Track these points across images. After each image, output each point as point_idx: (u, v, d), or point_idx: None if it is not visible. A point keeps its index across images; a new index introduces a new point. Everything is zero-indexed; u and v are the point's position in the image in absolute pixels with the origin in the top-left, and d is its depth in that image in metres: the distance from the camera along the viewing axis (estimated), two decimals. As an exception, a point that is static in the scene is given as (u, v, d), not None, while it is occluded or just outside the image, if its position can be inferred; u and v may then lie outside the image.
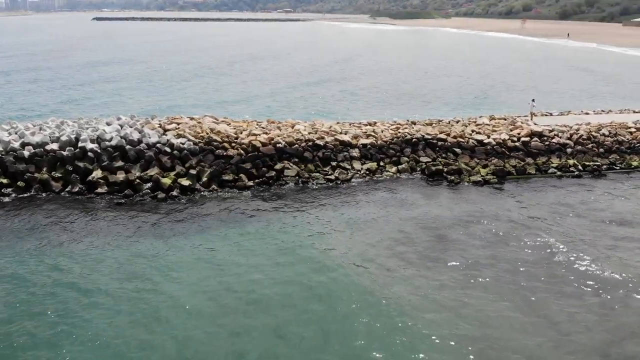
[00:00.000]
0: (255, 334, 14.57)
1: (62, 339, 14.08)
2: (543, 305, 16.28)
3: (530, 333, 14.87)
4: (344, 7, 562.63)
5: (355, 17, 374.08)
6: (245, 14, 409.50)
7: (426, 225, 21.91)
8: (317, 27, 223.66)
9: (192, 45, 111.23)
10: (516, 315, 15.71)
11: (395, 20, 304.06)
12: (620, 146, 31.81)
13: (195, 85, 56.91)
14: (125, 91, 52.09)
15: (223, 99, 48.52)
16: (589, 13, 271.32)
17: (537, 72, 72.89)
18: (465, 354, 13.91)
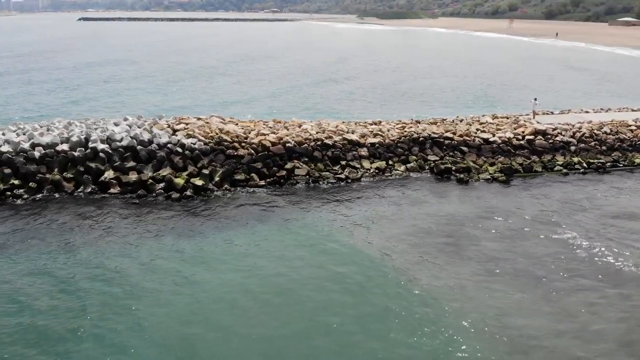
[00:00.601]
0: (295, 325, 14.97)
1: (105, 334, 14.35)
2: (562, 296, 16.73)
3: (552, 323, 15.31)
4: (330, 7, 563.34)
5: (343, 17, 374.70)
6: (233, 14, 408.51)
7: (441, 222, 22.23)
8: (306, 27, 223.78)
9: (185, 46, 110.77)
10: (538, 306, 16.16)
11: (382, 20, 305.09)
12: (622, 144, 32.37)
13: (194, 85, 56.78)
14: (125, 92, 51.89)
15: (224, 99, 48.51)
16: (574, 13, 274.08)
17: (530, 71, 73.71)
18: (494, 342, 14.32)
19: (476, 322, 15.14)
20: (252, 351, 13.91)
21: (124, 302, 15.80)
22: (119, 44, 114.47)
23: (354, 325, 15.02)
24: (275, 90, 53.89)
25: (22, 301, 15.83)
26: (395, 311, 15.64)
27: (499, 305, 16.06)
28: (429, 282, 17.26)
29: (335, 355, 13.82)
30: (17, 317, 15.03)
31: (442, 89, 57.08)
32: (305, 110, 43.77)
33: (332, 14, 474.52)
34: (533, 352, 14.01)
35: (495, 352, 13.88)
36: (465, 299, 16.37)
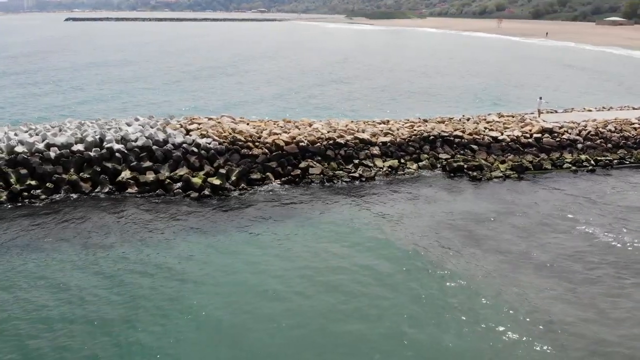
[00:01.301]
0: (334, 314, 15.43)
1: (159, 323, 14.73)
2: (585, 286, 17.28)
3: (579, 311, 15.88)
4: (318, 7, 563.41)
5: (332, 17, 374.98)
6: (221, 14, 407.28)
7: (460, 218, 22.60)
8: (296, 27, 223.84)
9: (179, 46, 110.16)
10: (565, 296, 16.66)
11: (371, 20, 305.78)
12: (626, 142, 32.94)
13: (193, 86, 56.74)
14: (128, 92, 51.76)
15: (227, 100, 48.58)
16: (561, 12, 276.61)
17: (526, 70, 74.42)
18: (528, 328, 14.88)
19: (510, 311, 15.66)
20: (297, 338, 14.40)
21: (172, 295, 16.24)
22: (112, 44, 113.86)
23: (393, 314, 15.50)
24: (276, 91, 54.06)
25: (74, 294, 16.14)
26: (431, 301, 16.17)
27: (528, 295, 16.60)
28: (458, 274, 17.71)
29: (378, 344, 14.18)
30: (73, 309, 15.38)
31: (441, 88, 57.55)
32: (309, 109, 44.00)
33: (320, 14, 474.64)
34: (562, 338, 14.54)
35: (530, 337, 14.42)
36: (495, 290, 16.86)
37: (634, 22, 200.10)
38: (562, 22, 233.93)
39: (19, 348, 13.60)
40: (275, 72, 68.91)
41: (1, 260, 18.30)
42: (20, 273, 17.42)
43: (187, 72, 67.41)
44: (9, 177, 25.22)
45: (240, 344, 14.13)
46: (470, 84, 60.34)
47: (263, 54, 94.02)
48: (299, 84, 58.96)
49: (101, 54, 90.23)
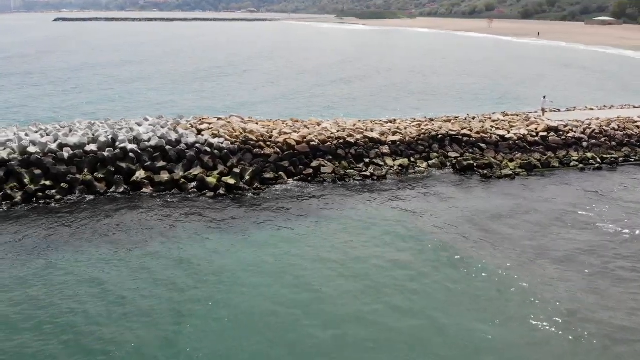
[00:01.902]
0: (370, 306, 15.79)
1: (204, 316, 14.79)
2: (607, 278, 17.81)
3: (603, 300, 16.49)
4: (307, 7, 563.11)
5: (322, 17, 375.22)
6: (211, 14, 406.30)
7: (478, 214, 22.97)
8: (289, 27, 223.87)
9: (175, 46, 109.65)
10: (588, 287, 17.18)
11: (362, 20, 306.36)
12: (630, 140, 33.45)
13: (196, 86, 56.73)
14: (134, 92, 51.78)
15: (232, 99, 48.68)
16: (550, 12, 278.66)
17: (523, 70, 75.09)
18: (556, 317, 15.41)
19: (535, 301, 16.29)
20: (333, 329, 14.74)
21: (207, 289, 16.54)
22: (108, 45, 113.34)
23: (424, 304, 16.05)
24: (278, 91, 54.26)
25: (110, 292, 16.34)
26: (459, 291, 16.72)
27: (550, 286, 17.14)
28: (482, 267, 18.26)
29: (413, 333, 14.65)
30: (112, 306, 15.62)
31: (439, 87, 57.99)
32: (313, 109, 44.18)
33: (310, 13, 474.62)
34: (586, 326, 15.07)
35: (555, 325, 14.95)
36: (518, 281, 17.40)
37: (623, 21, 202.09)
38: (552, 22, 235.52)
39: (68, 346, 13.75)
40: (275, 72, 69.04)
41: (32, 261, 18.32)
42: (54, 272, 17.46)
43: (187, 72, 67.35)
44: (22, 178, 25.18)
45: (280, 337, 14.37)
46: (468, 84, 60.83)
47: (260, 54, 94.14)
48: (299, 84, 59.12)
49: (99, 54, 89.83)
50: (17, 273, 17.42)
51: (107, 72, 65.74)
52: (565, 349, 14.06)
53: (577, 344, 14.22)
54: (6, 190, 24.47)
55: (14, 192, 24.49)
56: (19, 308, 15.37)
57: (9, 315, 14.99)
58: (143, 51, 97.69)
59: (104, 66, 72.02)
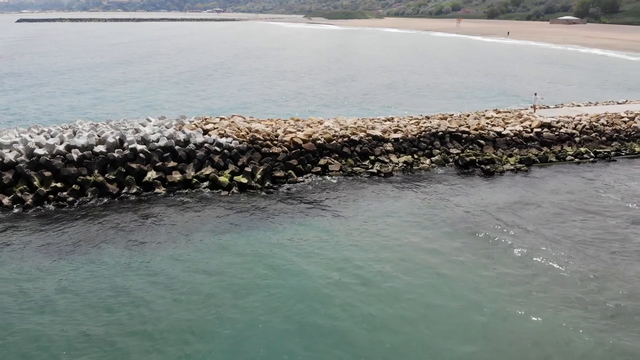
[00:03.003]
0: (414, 290, 16.18)
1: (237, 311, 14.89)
2: (624, 261, 18.70)
3: (617, 287, 17.25)
4: (275, 7, 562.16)
5: (290, 17, 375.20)
6: (176, 14, 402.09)
7: (490, 207, 23.77)
8: (260, 27, 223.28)
9: (152, 48, 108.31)
10: (606, 270, 18.10)
11: (331, 20, 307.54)
12: (618, 134, 34.74)
13: (186, 88, 56.36)
14: (130, 94, 51.32)
15: (226, 100, 48.60)
16: (515, 12, 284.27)
17: (502, 67, 76.70)
18: (580, 294, 16.16)
19: (567, 287, 17.10)
20: (364, 319, 15.11)
21: (243, 287, 16.71)
22: (81, 46, 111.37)
23: (460, 287, 16.75)
24: (268, 92, 54.28)
25: (138, 294, 16.27)
26: (490, 274, 17.77)
27: (569, 267, 18.13)
28: (509, 252, 19.33)
29: (454, 313, 15.25)
30: (146, 307, 15.64)
31: (426, 86, 58.90)
32: (306, 108, 44.47)
33: (277, 13, 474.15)
34: (616, 299, 15.73)
35: (580, 302, 15.61)
36: (544, 269, 18.23)
37: (586, 20, 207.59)
38: (517, 22, 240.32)
39: (100, 348, 13.82)
40: (262, 74, 68.69)
41: (54, 261, 18.29)
42: (78, 275, 17.49)
43: (173, 74, 66.57)
44: (32, 180, 24.91)
45: (324, 331, 14.69)
46: (452, 82, 61.95)
47: (243, 55, 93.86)
48: (287, 85, 59.24)
49: (73, 56, 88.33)
50: (52, 277, 17.39)
51: (88, 75, 64.85)
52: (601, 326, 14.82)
53: (611, 320, 15.04)
54: (16, 192, 24.19)
55: (24, 195, 24.23)
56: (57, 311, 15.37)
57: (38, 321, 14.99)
58: (125, 52, 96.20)
59: (83, 68, 70.95)
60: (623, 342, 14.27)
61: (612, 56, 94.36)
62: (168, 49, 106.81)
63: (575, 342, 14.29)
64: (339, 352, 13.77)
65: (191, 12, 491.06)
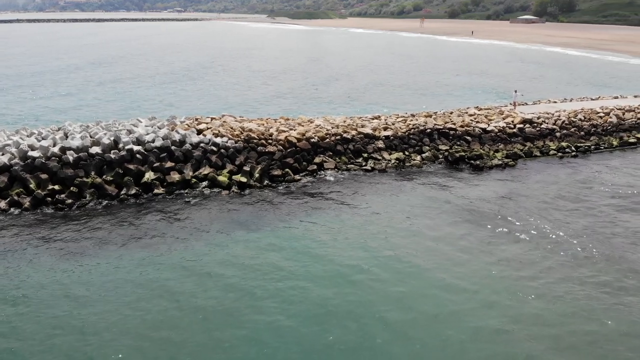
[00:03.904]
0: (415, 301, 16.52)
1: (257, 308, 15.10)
2: (621, 244, 19.62)
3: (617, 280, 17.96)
4: (236, 6, 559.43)
5: (253, 17, 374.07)
6: (136, 14, 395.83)
7: (485, 201, 24.54)
8: (227, 26, 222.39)
9: (120, 49, 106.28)
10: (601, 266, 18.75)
11: (295, 20, 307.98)
12: (596, 129, 36.17)
13: (166, 89, 55.86)
14: (114, 94, 50.59)
15: (208, 101, 48.41)
16: (475, 12, 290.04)
17: (474, 66, 78.46)
18: (580, 274, 16.80)
19: (567, 267, 17.67)
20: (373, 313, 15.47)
21: (258, 286, 16.81)
22: (55, 47, 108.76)
23: (477, 276, 17.09)
24: (252, 94, 54.30)
25: (158, 294, 16.29)
26: (504, 261, 18.29)
27: (576, 253, 18.72)
28: (512, 242, 19.96)
29: (468, 295, 15.65)
30: (169, 309, 15.65)
31: (403, 85, 59.79)
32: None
33: (240, 13, 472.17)
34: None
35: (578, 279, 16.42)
36: (545, 251, 18.95)
37: (545, 19, 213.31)
38: (478, 21, 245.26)
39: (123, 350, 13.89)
40: (242, 74, 68.28)
41: (63, 263, 18.17)
42: (82, 277, 17.40)
43: (152, 75, 65.53)
44: (28, 183, 24.55)
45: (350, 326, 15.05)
46: (427, 80, 63.09)
47: (219, 56, 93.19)
48: (269, 85, 59.32)
49: (53, 58, 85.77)
50: (58, 279, 17.28)
51: (64, 76, 63.38)
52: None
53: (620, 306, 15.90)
54: (12, 196, 23.83)
55: (21, 198, 23.89)
56: (66, 315, 15.29)
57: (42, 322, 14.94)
58: (92, 54, 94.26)
59: (58, 70, 69.24)
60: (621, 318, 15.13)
61: (575, 54, 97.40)
62: (140, 49, 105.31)
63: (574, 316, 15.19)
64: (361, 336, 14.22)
65: (151, 12, 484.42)
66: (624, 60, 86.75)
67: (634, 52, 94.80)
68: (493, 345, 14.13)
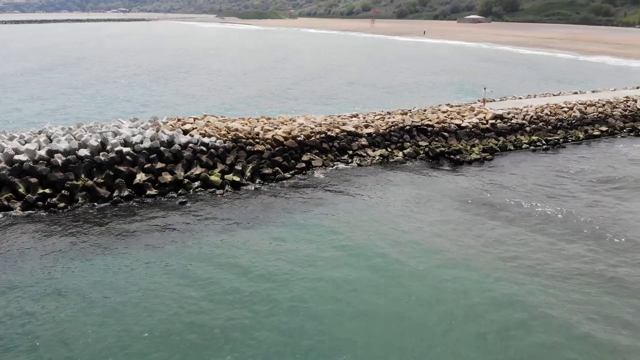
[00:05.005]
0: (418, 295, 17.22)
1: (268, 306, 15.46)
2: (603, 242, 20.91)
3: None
4: (183, 6, 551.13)
5: (202, 17, 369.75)
6: (79, 15, 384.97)
7: (468, 193, 25.73)
8: (180, 27, 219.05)
9: (88, 51, 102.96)
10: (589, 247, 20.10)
11: (244, 20, 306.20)
12: (562, 123, 38.00)
13: (138, 90, 54.95)
14: (72, 99, 49.17)
15: (182, 104, 48.00)
16: (422, 12, 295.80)
17: (435, 64, 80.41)
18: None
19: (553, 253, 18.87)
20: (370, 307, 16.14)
21: (269, 286, 17.05)
22: (4, 50, 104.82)
23: (482, 261, 17.96)
24: (224, 95, 54.08)
25: (167, 297, 16.38)
26: (499, 247, 19.11)
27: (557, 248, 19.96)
28: (501, 229, 21.10)
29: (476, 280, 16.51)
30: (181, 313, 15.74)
31: (371, 84, 60.71)
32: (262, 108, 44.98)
33: (187, 13, 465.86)
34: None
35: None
36: (532, 238, 20.08)
37: (491, 19, 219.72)
38: (426, 21, 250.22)
39: None
40: (211, 75, 67.39)
41: (59, 267, 18.01)
42: (85, 279, 17.32)
43: (118, 77, 64.04)
44: (16, 187, 24.05)
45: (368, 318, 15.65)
46: (392, 79, 64.30)
47: (183, 57, 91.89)
48: (240, 86, 59.14)
49: (5, 61, 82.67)
50: (62, 284, 17.17)
51: (24, 80, 61.20)
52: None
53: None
54: (2, 200, 23.32)
55: (11, 203, 23.40)
56: (70, 318, 15.21)
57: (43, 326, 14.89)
58: (48, 57, 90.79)
59: (16, 74, 66.79)
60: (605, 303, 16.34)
61: (526, 52, 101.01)
62: (99, 51, 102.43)
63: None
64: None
65: (94, 12, 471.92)
66: (573, 57, 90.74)
67: (582, 50, 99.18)
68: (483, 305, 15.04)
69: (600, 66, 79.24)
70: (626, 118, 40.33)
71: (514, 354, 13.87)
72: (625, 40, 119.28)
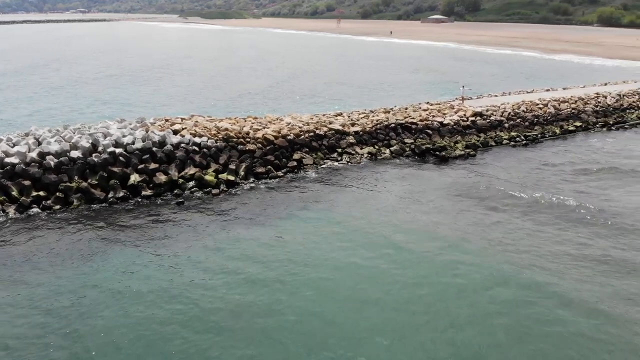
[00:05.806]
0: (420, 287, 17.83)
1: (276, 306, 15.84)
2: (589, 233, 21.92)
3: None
4: (144, 6, 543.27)
5: (164, 17, 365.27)
6: (38, 15, 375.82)
7: (459, 186, 26.67)
8: (144, 28, 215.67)
9: (57, 53, 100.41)
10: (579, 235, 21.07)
11: (208, 20, 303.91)
12: (538, 119, 39.30)
13: (117, 92, 54.14)
14: (49, 102, 48.16)
15: (160, 102, 47.61)
16: (386, 12, 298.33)
17: (409, 64, 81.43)
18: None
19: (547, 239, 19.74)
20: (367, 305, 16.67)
21: (277, 288, 17.31)
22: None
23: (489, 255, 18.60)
24: (206, 95, 53.81)
25: (175, 297, 16.54)
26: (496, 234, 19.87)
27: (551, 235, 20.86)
28: (500, 219, 21.82)
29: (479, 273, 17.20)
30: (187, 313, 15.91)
31: (348, 84, 61.34)
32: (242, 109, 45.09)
33: (148, 13, 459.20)
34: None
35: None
36: (525, 226, 20.94)
37: (454, 19, 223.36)
38: (390, 21, 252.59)
39: None
40: (190, 76, 66.74)
41: (57, 271, 17.98)
42: (98, 279, 17.38)
43: (95, 79, 62.91)
44: (9, 190, 23.76)
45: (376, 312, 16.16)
46: (367, 79, 65.03)
47: (157, 58, 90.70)
48: (222, 87, 58.95)
49: None
50: (69, 286, 17.15)
51: (23, 80, 59.97)
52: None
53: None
54: (-5, 204, 23.00)
55: (5, 206, 23.10)
56: (75, 320, 15.22)
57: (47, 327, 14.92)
58: (18, 58, 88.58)
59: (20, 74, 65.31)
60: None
61: (492, 51, 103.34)
62: (66, 53, 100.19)
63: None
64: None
65: (52, 12, 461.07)
66: (538, 55, 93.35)
67: (545, 49, 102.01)
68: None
69: (565, 64, 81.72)
70: (598, 114, 41.95)
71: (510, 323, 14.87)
72: (585, 39, 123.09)
